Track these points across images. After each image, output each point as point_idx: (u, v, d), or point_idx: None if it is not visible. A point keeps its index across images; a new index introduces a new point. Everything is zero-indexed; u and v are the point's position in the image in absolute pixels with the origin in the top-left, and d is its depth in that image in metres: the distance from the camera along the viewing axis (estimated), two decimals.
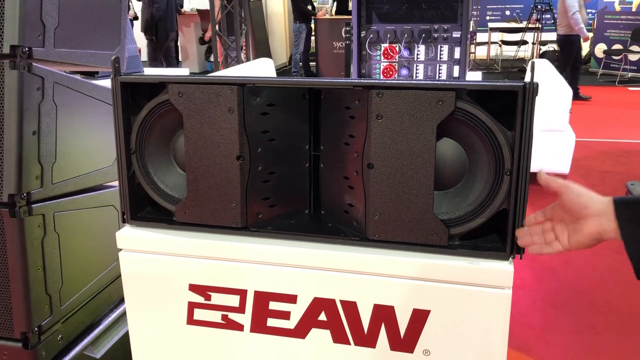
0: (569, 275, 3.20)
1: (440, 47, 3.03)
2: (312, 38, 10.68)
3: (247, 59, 7.74)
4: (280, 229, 1.29)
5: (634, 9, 9.67)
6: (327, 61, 10.04)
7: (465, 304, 1.17)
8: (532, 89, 1.07)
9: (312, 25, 10.42)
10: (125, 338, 1.79)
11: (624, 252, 0.93)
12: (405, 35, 3.02)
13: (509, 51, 11.13)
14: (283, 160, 1.30)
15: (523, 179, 1.11)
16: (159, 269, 1.34)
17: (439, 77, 3.06)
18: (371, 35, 3.07)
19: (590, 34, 10.48)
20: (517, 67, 10.58)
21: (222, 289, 1.31)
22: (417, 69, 3.07)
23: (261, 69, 6.02)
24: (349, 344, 1.26)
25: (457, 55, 3.01)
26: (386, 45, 3.07)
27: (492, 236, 1.21)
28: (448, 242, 1.18)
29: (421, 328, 1.21)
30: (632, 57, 9.31)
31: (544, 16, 10.16)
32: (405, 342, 1.23)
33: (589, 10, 10.94)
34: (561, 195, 1.03)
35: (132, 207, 1.35)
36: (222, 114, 1.24)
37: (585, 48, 10.97)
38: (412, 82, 1.14)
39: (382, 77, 3.11)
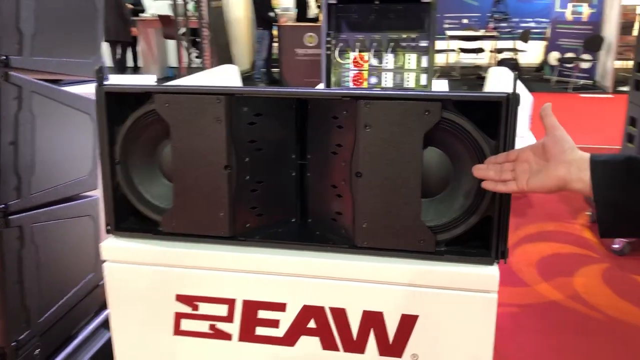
0: (535, 278, 3.30)
1: (408, 56, 3.09)
2: (275, 44, 10.68)
3: (211, 65, 7.70)
4: (269, 238, 1.30)
5: (584, 19, 10.04)
6: (290, 68, 10.07)
7: (453, 308, 1.20)
8: (515, 100, 1.11)
9: (275, 32, 10.42)
10: (105, 349, 1.76)
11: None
12: (374, 44, 3.07)
13: (467, 59, 11.39)
14: (270, 169, 1.31)
15: None
16: (145, 279, 1.33)
17: (406, 85, 3.13)
18: (341, 44, 3.11)
19: (545, 42, 10.84)
20: (475, 74, 10.84)
21: (210, 298, 1.31)
22: (385, 77, 3.13)
23: (227, 75, 6.01)
24: (338, 350, 1.28)
25: (424, 63, 3.08)
26: (356, 53, 3.12)
27: (476, 242, 1.25)
28: (435, 248, 1.21)
29: (409, 333, 1.24)
30: (584, 65, 9.66)
31: (500, 24, 10.45)
32: (393, 347, 1.25)
33: (542, 20, 11.33)
34: (550, 131, 1.04)
35: (116, 217, 1.34)
36: (210, 123, 1.24)
37: (539, 56, 11.35)
38: (399, 92, 1.18)
39: (351, 84, 3.16)
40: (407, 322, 1.23)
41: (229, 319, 1.31)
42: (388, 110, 1.16)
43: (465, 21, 11.94)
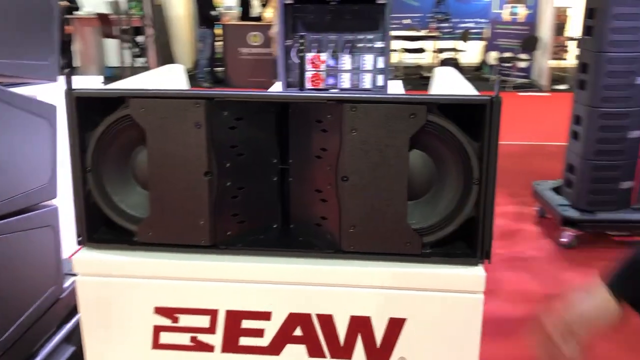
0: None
1: (364, 56, 3.10)
2: (218, 43, 10.52)
3: (156, 65, 7.50)
4: (251, 246, 1.27)
5: (520, 20, 10.40)
6: (235, 67, 9.96)
7: (440, 309, 1.21)
8: (498, 102, 1.13)
9: (218, 30, 10.27)
10: None
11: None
12: (331, 44, 3.06)
13: (409, 59, 11.58)
14: (251, 174, 1.28)
15: (491, 188, 1.17)
16: (121, 293, 1.27)
17: (362, 86, 3.14)
18: (297, 44, 3.09)
19: (483, 43, 11.16)
20: (417, 74, 11.04)
21: (191, 309, 1.26)
22: (342, 78, 3.13)
23: (174, 75, 5.86)
24: (325, 357, 1.26)
25: (380, 64, 3.10)
26: (312, 54, 3.10)
27: (460, 243, 1.26)
28: (421, 250, 1.21)
29: (397, 336, 1.24)
30: (521, 65, 10.01)
31: (441, 25, 10.69)
32: (381, 351, 1.25)
33: (480, 20, 11.67)
34: None
35: (88, 228, 1.27)
36: (189, 128, 1.20)
37: (478, 56, 11.68)
38: (385, 96, 1.17)
39: (309, 85, 3.14)
40: (395, 326, 1.23)
41: (211, 330, 1.27)
42: (374, 113, 1.15)
43: (406, 21, 12.14)
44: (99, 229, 1.32)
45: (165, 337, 1.29)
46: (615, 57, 3.26)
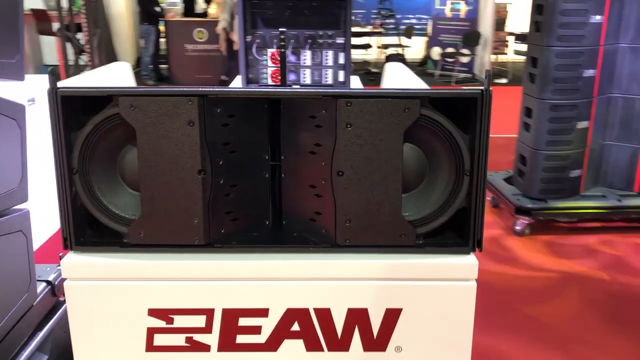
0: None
1: (325, 52, 3.12)
2: (162, 40, 10.29)
3: (100, 62, 7.27)
4: (246, 243, 1.26)
5: (462, 16, 10.68)
6: (180, 64, 9.78)
7: (435, 298, 1.24)
8: (489, 95, 1.17)
9: (162, 27, 10.04)
10: None
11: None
12: (292, 40, 3.06)
13: (355, 54, 11.68)
14: (244, 172, 1.27)
15: (482, 179, 1.21)
16: (112, 296, 1.24)
17: (325, 82, 3.15)
18: (257, 40, 3.07)
19: (426, 38, 11.39)
20: (364, 69, 11.15)
21: (186, 310, 1.25)
22: (304, 74, 3.13)
23: (121, 73, 5.70)
24: (323, 350, 1.27)
25: (341, 60, 3.12)
26: (273, 50, 3.09)
27: (450, 233, 1.29)
28: (415, 241, 1.24)
29: (393, 326, 1.26)
30: (464, 60, 10.28)
31: (385, 21, 10.84)
32: (378, 341, 1.27)
33: (423, 16, 11.90)
34: None
35: (76, 231, 1.23)
36: (181, 126, 1.18)
37: (422, 51, 11.92)
38: (378, 91, 1.19)
39: (270, 81, 3.12)
40: (392, 316, 1.25)
41: (207, 329, 1.26)
42: (368, 108, 1.17)
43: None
44: (86, 232, 1.28)
45: (160, 339, 1.26)
46: (563, 51, 3.41)
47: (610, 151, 3.76)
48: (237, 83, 3.20)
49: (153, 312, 1.25)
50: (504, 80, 9.91)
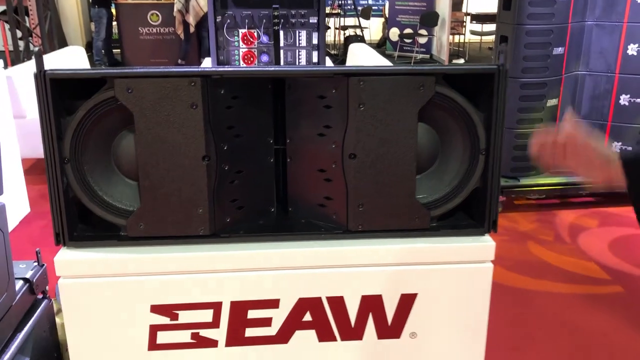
0: None
1: (299, 32, 3.03)
2: (114, 24, 9.92)
3: (51, 48, 6.95)
4: (253, 232, 1.20)
5: None
6: (134, 48, 9.45)
7: (451, 281, 1.21)
8: (505, 71, 1.13)
9: (113, 10, 9.68)
10: None
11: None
12: (264, 20, 2.96)
13: None
14: (249, 157, 1.20)
15: (497, 157, 1.17)
16: (112, 294, 1.15)
17: (299, 62, 3.07)
18: (228, 21, 2.96)
19: (383, 19, 11.37)
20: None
21: (192, 305, 1.18)
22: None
23: (75, 58, 5.46)
24: (335, 340, 1.23)
25: (315, 40, 3.04)
26: (244, 30, 2.99)
27: (461, 215, 1.26)
28: (429, 224, 1.20)
29: (408, 312, 1.22)
30: (422, 40, 10.32)
31: (343, 2, 10.74)
32: (392, 328, 1.23)
33: None
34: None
35: (69, 225, 1.14)
36: (183, 110, 1.10)
37: (379, 32, 11.90)
38: (392, 68, 1.13)
39: (242, 63, 3.02)
40: (406, 302, 1.21)
41: (214, 324, 1.19)
42: (382, 86, 1.12)
43: None
44: (77, 226, 1.19)
45: (163, 337, 1.19)
46: (533, 29, 3.42)
47: None
48: (207, 64, 3.09)
49: (156, 309, 1.17)
50: (461, 61, 9.99)
